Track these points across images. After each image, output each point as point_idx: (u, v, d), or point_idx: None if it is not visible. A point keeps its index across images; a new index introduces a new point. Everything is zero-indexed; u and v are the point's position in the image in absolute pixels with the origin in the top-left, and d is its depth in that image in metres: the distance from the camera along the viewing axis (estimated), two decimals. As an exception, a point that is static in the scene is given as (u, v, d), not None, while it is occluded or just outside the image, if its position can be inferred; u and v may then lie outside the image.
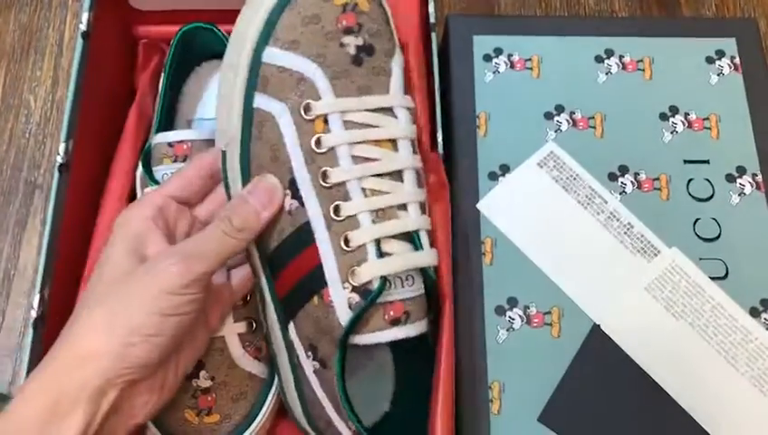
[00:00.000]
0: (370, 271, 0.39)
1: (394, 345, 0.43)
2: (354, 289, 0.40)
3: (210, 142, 0.51)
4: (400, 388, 0.47)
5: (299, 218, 0.41)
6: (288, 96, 0.41)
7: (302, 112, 0.41)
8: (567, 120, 0.56)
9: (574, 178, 0.54)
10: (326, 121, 0.41)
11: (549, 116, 0.56)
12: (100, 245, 0.51)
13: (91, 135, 0.50)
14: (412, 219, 0.41)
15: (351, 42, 0.42)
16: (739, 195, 0.54)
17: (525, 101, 0.56)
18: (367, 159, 0.41)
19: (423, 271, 0.42)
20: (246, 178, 0.42)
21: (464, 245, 0.52)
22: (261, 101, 0.42)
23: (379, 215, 0.41)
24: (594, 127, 0.56)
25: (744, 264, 0.52)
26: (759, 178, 0.55)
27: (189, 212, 0.45)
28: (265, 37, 0.42)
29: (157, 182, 0.49)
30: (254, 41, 0.41)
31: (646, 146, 0.55)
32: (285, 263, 0.42)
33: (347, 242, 0.40)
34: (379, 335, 0.41)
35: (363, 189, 0.40)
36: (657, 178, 0.54)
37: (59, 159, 0.47)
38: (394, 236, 0.41)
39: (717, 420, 0.48)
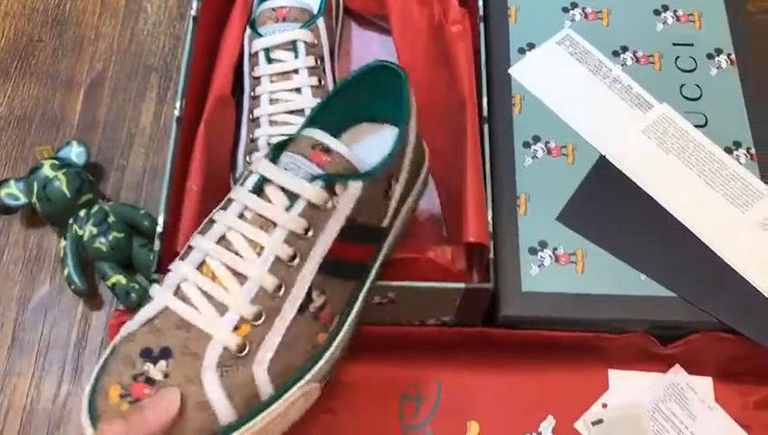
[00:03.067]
0: None
1: None
2: None
3: (303, 10, 0.66)
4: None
5: None
6: None
7: None
8: (580, 14, 0.71)
9: (585, 53, 0.69)
10: None
11: (565, 10, 0.71)
12: (216, 85, 0.65)
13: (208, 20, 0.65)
14: None
15: None
16: (717, 68, 0.68)
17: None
18: None
19: None
20: None
21: (499, 99, 0.66)
22: None
23: None
24: (601, 18, 0.71)
25: (719, 116, 0.66)
26: (732, 56, 0.69)
27: None
28: None
29: (261, 35, 0.64)
30: None
31: (642, 34, 0.70)
32: None
33: None
34: None
35: None
36: (652, 55, 0.69)
37: (192, 13, 0.62)
38: None
39: (699, 223, 0.61)
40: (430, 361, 0.62)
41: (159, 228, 0.55)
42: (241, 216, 0.45)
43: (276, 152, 0.48)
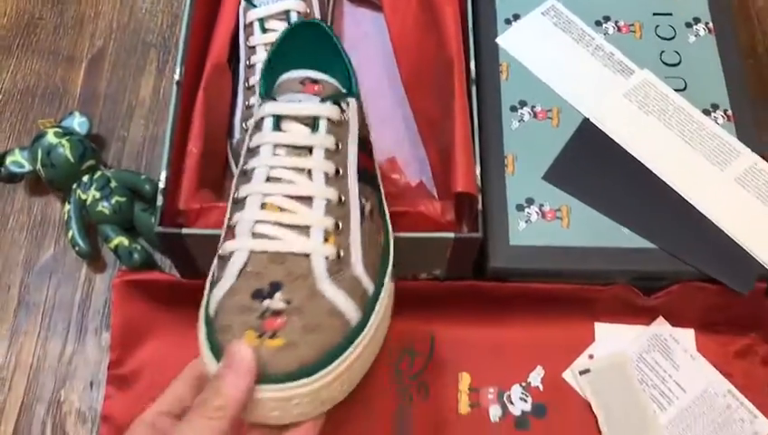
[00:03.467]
0: None
1: None
2: None
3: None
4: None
5: None
6: None
7: None
8: (564, -14, 0.74)
9: (569, 23, 0.72)
10: None
11: (550, -18, 0.74)
12: (213, 54, 0.67)
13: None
14: None
15: None
16: (695, 36, 0.71)
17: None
18: None
19: None
20: None
21: (487, 65, 0.69)
22: None
23: None
24: (585, -10, 0.74)
25: (698, 81, 0.69)
26: (710, 24, 0.72)
27: None
28: None
29: (255, 6, 0.67)
30: None
31: (623, 4, 0.73)
32: None
33: None
34: None
35: None
36: (633, 24, 0.72)
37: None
38: None
39: (680, 180, 0.64)
40: (423, 315, 0.64)
41: (162, 184, 0.58)
42: (275, 154, 0.48)
43: (268, 100, 0.50)
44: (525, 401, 0.62)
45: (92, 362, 0.64)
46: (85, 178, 0.67)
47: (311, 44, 0.57)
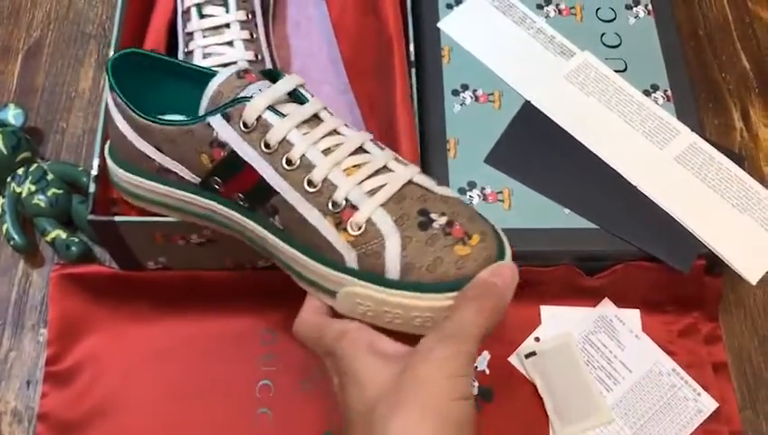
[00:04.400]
0: None
1: None
2: None
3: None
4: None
5: None
6: None
7: None
8: (505, -30, 0.74)
9: (510, 6, 0.72)
10: None
11: (491, -34, 0.74)
12: (150, 41, 0.66)
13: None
14: None
15: None
16: (635, 18, 0.72)
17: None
18: None
19: None
20: None
21: (429, 50, 0.69)
22: None
23: None
24: (525, -26, 0.74)
25: (638, 62, 0.69)
26: (650, 6, 0.72)
27: None
28: None
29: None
30: None
31: (565, -13, 0.73)
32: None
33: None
34: None
35: None
36: (573, 7, 0.72)
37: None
38: None
39: (620, 160, 0.64)
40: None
41: (94, 172, 0.56)
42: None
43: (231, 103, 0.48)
44: (472, 385, 0.61)
45: (29, 359, 0.62)
46: (20, 171, 0.66)
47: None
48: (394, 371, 0.40)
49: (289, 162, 0.45)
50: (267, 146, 0.45)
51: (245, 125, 0.45)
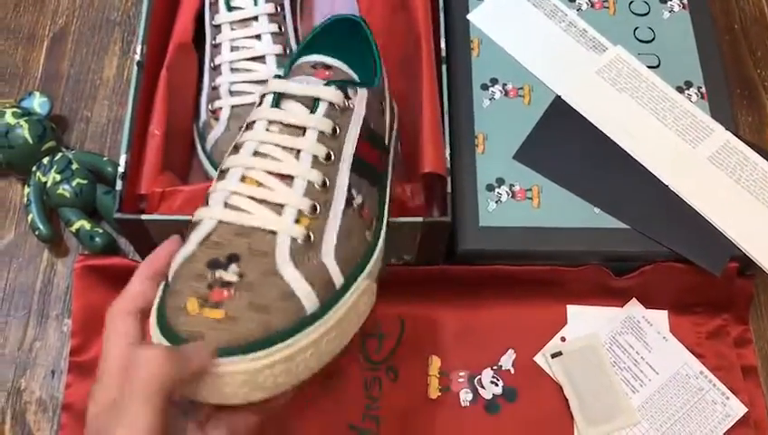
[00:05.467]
0: None
1: None
2: None
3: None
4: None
5: None
6: None
7: None
8: (537, -39, 0.72)
9: (542, -1, 0.70)
10: None
11: (523, -43, 0.72)
12: (177, 33, 0.66)
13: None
14: None
15: None
16: (669, 12, 0.70)
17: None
18: None
19: None
20: None
21: (458, 43, 0.68)
22: None
23: None
24: (558, -35, 0.72)
25: (671, 58, 0.68)
26: (685, 0, 0.70)
27: None
28: None
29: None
30: None
31: (598, -20, 0.71)
32: None
33: None
34: None
35: None
36: (606, 0, 0.70)
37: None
38: None
39: (652, 158, 0.63)
40: (392, 299, 0.63)
41: (121, 169, 0.56)
42: (267, 129, 0.46)
43: (276, 78, 0.49)
44: (496, 384, 0.61)
45: (54, 349, 0.62)
46: (45, 160, 0.66)
47: (344, 39, 0.56)
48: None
49: None
50: None
51: None
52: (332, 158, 0.46)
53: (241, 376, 0.39)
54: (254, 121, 0.47)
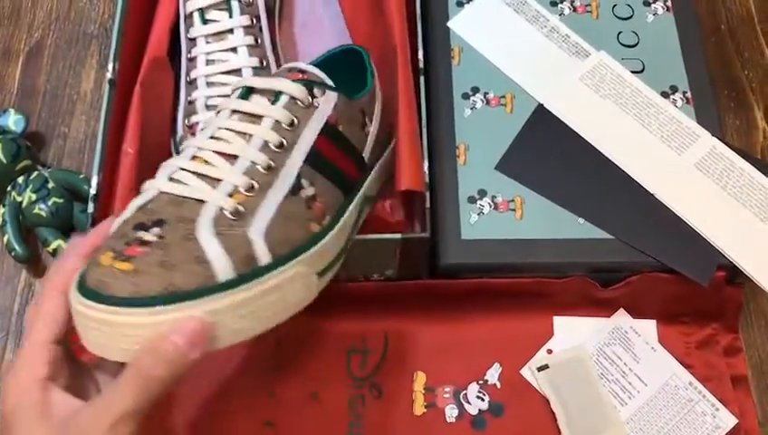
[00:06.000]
0: None
1: None
2: None
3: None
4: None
5: None
6: None
7: None
8: (518, -35, 0.71)
9: (523, 4, 0.69)
10: None
11: (503, -38, 0.71)
12: (152, 47, 0.65)
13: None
14: None
15: None
16: (653, 15, 0.69)
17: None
18: None
19: None
20: None
21: (439, 50, 0.67)
22: None
23: None
24: (539, -31, 0.71)
25: (656, 62, 0.66)
26: (669, 3, 0.69)
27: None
28: None
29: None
30: None
31: (580, -17, 0.70)
32: None
33: None
34: None
35: None
36: (589, 4, 0.69)
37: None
38: None
39: (637, 166, 0.62)
40: (376, 314, 0.62)
41: (93, 190, 0.55)
42: (229, 118, 0.48)
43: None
44: (482, 399, 0.60)
45: (33, 371, 0.61)
46: (20, 180, 0.65)
47: (342, 65, 0.58)
48: None
49: None
50: None
51: None
52: (285, 146, 0.47)
53: (139, 329, 0.39)
54: (219, 111, 0.49)
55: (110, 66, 0.59)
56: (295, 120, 0.48)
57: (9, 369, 0.43)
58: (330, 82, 0.51)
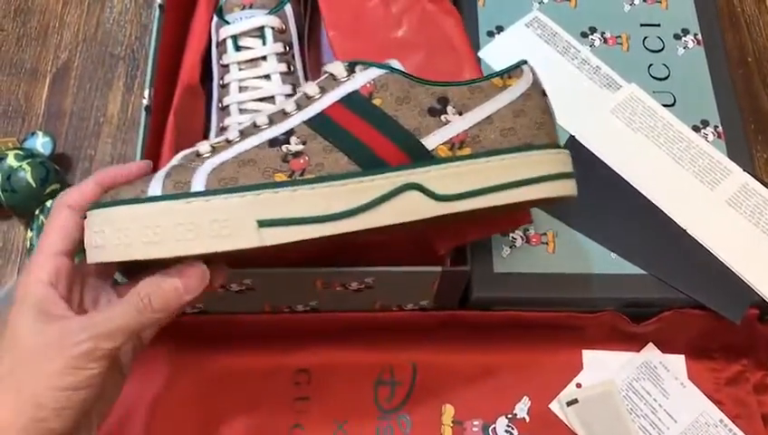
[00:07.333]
0: None
1: None
2: None
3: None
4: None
5: None
6: None
7: None
8: (548, -4, 0.71)
9: (554, 35, 0.69)
10: None
11: (534, -8, 0.71)
12: (184, 74, 0.64)
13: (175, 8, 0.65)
14: None
15: None
16: (684, 48, 0.69)
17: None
18: None
19: None
20: None
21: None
22: None
23: None
24: (569, 0, 0.71)
25: (687, 96, 0.66)
26: (699, 36, 0.69)
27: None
28: None
29: (228, 23, 0.64)
30: None
31: (610, 15, 0.70)
32: None
33: None
34: None
35: None
36: (620, 36, 0.69)
37: (159, 0, 0.61)
38: None
39: (668, 201, 0.62)
40: (404, 345, 0.62)
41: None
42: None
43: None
44: (511, 433, 0.60)
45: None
46: (49, 203, 0.64)
47: None
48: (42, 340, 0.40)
49: None
50: None
51: None
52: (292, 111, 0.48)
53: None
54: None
55: (146, 93, 0.59)
56: (317, 93, 0.48)
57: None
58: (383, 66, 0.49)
